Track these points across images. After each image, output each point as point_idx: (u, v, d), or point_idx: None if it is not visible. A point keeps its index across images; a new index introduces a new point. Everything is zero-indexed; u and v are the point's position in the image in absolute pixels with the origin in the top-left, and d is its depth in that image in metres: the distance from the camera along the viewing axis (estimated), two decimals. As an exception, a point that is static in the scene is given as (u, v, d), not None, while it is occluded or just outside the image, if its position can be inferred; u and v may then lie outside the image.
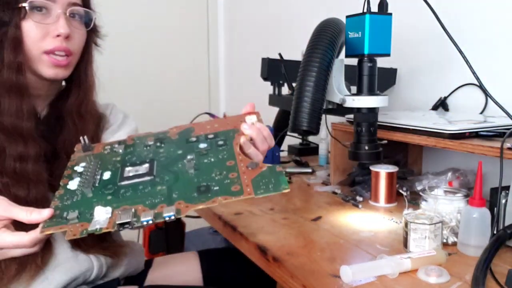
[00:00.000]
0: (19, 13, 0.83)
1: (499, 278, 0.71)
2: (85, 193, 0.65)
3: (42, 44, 0.85)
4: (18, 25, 0.83)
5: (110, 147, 0.77)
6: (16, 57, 0.83)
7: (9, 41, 0.83)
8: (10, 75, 0.83)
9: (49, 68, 0.87)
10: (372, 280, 0.71)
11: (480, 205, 0.81)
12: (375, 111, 1.00)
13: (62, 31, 0.85)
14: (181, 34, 2.73)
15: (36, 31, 0.84)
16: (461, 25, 1.20)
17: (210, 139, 0.75)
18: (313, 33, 1.02)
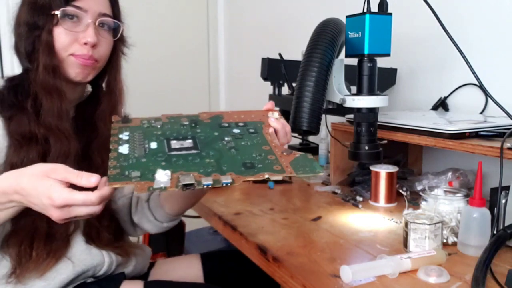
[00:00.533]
0: (52, 19, 0.88)
1: (499, 278, 0.71)
2: (139, 157, 0.68)
3: (69, 48, 0.90)
4: (50, 30, 0.88)
5: (147, 121, 0.81)
6: (52, 60, 0.88)
7: (42, 45, 0.88)
8: (47, 78, 0.88)
9: (75, 69, 0.91)
10: (372, 280, 0.71)
11: (480, 205, 0.81)
12: (375, 111, 1.00)
13: (89, 39, 0.89)
14: (181, 34, 2.73)
15: (66, 37, 0.89)
16: (461, 25, 1.20)
17: (241, 126, 0.81)
18: (313, 33, 1.02)
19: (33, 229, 0.86)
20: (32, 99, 0.88)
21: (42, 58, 0.88)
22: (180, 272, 1.14)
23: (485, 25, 1.21)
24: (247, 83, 2.52)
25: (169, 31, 2.69)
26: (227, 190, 1.24)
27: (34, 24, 0.89)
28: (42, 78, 0.88)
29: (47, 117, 0.87)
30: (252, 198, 1.18)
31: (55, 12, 0.88)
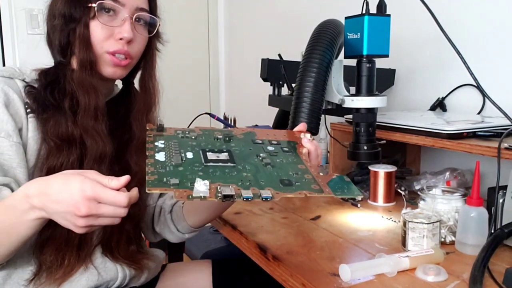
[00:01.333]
0: (89, 12, 0.85)
1: (497, 277, 0.72)
2: (176, 166, 0.68)
3: (104, 44, 0.87)
4: (87, 23, 0.85)
5: (181, 132, 0.81)
6: (89, 56, 0.85)
7: (79, 39, 0.85)
8: (84, 74, 0.85)
9: (109, 67, 0.88)
10: (371, 278, 0.72)
11: (478, 204, 0.82)
12: (373, 111, 1.01)
13: (126, 35, 0.86)
14: (181, 35, 2.74)
15: (101, 31, 0.86)
16: (458, 26, 1.21)
17: (275, 144, 0.80)
18: (313, 34, 1.03)
19: (68, 236, 0.83)
20: (70, 98, 0.85)
21: (79, 53, 0.85)
22: (189, 278, 1.10)
23: (483, 26, 1.21)
24: (247, 84, 2.53)
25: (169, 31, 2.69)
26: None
27: (70, 16, 0.85)
28: (79, 75, 0.85)
29: (84, 117, 0.84)
30: (252, 198, 1.18)
31: (92, 4, 0.85)
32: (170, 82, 3.21)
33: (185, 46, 2.75)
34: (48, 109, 0.84)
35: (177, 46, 2.72)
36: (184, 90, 2.77)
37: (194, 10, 2.76)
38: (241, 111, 2.22)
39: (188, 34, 2.76)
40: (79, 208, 0.63)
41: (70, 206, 0.63)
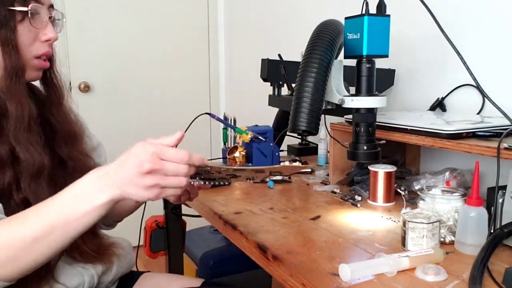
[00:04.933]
0: (15, 14, 0.79)
1: (496, 277, 0.72)
2: None
3: (32, 48, 0.83)
4: (14, 27, 0.80)
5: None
6: (17, 62, 0.80)
7: (4, 44, 0.79)
8: (14, 83, 0.80)
9: (34, 71, 0.86)
10: (371, 278, 0.72)
11: (477, 204, 0.82)
12: (373, 111, 1.01)
13: (52, 35, 0.84)
14: (181, 35, 2.74)
15: (29, 35, 0.82)
16: (458, 26, 1.21)
17: None
18: (312, 34, 1.03)
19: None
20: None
21: (4, 60, 0.79)
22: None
23: (482, 26, 1.21)
24: (247, 84, 2.53)
25: (169, 31, 2.69)
26: (227, 190, 1.25)
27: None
28: (8, 84, 0.79)
29: (18, 130, 0.78)
30: (252, 198, 1.18)
31: (22, 8, 0.79)
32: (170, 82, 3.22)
33: (185, 46, 2.75)
34: None
35: (177, 46, 2.73)
36: (184, 90, 2.77)
37: (194, 10, 2.76)
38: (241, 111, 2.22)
39: (188, 34, 2.76)
40: (143, 165, 0.66)
41: (135, 167, 0.66)
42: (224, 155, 1.53)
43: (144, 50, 2.62)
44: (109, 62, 2.59)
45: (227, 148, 1.51)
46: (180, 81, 2.75)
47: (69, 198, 0.69)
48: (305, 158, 1.59)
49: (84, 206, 0.68)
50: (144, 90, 2.67)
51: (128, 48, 2.59)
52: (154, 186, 0.67)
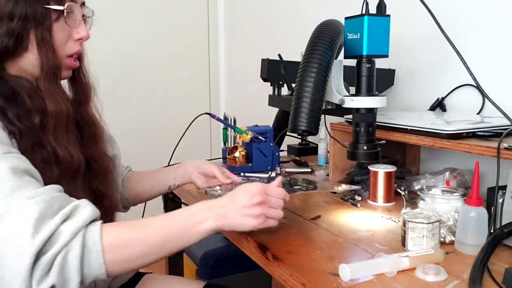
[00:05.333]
0: (50, 13, 0.80)
1: (496, 277, 0.72)
2: None
3: (65, 47, 0.84)
4: (49, 26, 0.80)
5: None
6: (54, 61, 0.81)
7: (41, 43, 0.80)
8: (51, 82, 0.81)
9: (66, 71, 0.86)
10: (371, 278, 0.72)
11: (477, 204, 0.82)
12: (373, 111, 1.01)
13: (85, 34, 0.84)
14: (181, 35, 2.74)
15: (63, 34, 0.82)
16: (458, 26, 1.21)
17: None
18: (312, 34, 1.03)
19: None
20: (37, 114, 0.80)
21: (41, 59, 0.80)
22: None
23: (482, 26, 1.21)
24: (247, 84, 2.53)
25: (169, 31, 2.69)
26: (227, 190, 1.25)
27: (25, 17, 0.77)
28: (46, 84, 0.80)
29: (58, 131, 0.81)
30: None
31: (58, 7, 0.80)
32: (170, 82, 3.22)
33: (185, 46, 2.75)
34: (19, 134, 0.78)
35: (177, 46, 2.73)
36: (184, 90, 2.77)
37: (194, 10, 2.76)
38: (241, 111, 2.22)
39: (188, 34, 2.76)
40: (254, 197, 0.78)
41: (247, 199, 0.78)
42: (224, 155, 1.53)
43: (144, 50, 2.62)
44: (110, 63, 2.58)
45: (227, 148, 1.51)
46: (180, 81, 2.75)
47: (184, 217, 0.78)
48: (305, 158, 1.59)
49: (194, 228, 0.77)
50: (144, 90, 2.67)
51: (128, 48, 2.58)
52: (260, 216, 0.79)
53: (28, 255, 0.64)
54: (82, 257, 0.67)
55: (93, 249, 0.68)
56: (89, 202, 0.74)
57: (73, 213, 0.70)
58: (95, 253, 0.68)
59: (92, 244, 0.69)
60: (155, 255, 0.75)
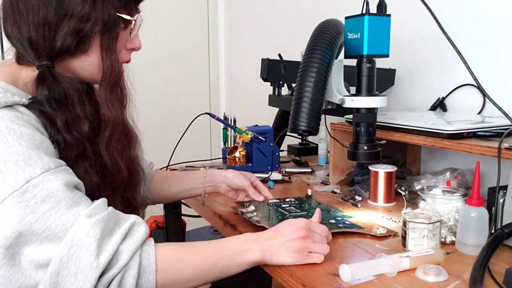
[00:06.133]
0: (119, 21, 0.80)
1: (497, 277, 0.71)
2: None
3: (121, 55, 0.84)
4: (117, 33, 0.80)
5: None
6: (118, 68, 0.82)
7: (107, 48, 0.79)
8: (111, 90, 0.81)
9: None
10: (371, 278, 0.72)
11: (478, 204, 0.82)
12: (374, 111, 1.01)
13: (139, 45, 0.85)
14: (181, 35, 2.74)
15: (122, 42, 0.83)
16: (459, 26, 1.21)
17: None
18: (313, 34, 1.03)
19: None
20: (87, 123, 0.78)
21: (105, 65, 0.79)
22: None
23: (483, 26, 1.21)
24: (247, 84, 2.53)
25: (169, 31, 2.69)
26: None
27: (98, 21, 0.76)
28: (108, 92, 0.81)
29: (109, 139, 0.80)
30: (252, 198, 1.18)
31: (127, 17, 0.80)
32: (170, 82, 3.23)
33: (185, 46, 2.75)
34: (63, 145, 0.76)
35: (177, 46, 2.73)
36: (184, 90, 2.77)
37: (194, 10, 2.76)
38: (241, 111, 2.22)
39: (188, 34, 2.76)
40: (299, 231, 0.78)
41: (292, 233, 0.78)
42: (224, 155, 1.53)
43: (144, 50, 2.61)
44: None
45: (227, 148, 1.51)
46: (180, 81, 2.75)
47: (231, 246, 0.79)
48: (305, 158, 1.59)
49: (240, 258, 0.78)
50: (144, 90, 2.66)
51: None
52: (303, 250, 0.78)
53: (92, 278, 0.65)
54: (138, 277, 0.69)
55: (147, 270, 0.70)
56: (141, 219, 0.75)
57: (131, 231, 0.71)
58: (149, 273, 0.70)
59: (147, 264, 0.70)
60: (201, 280, 0.77)
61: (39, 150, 0.69)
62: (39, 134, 0.71)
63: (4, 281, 0.64)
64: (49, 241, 0.65)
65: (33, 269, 0.65)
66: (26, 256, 0.65)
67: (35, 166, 0.67)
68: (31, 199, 0.65)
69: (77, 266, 0.65)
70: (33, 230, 0.64)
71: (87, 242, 0.65)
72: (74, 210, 0.68)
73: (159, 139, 2.42)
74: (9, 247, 0.64)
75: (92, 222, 0.67)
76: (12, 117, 0.69)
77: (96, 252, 0.65)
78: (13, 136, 0.67)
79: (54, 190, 0.67)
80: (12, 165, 0.66)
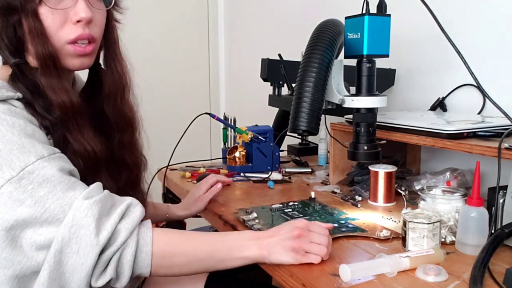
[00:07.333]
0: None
1: (497, 277, 0.71)
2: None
3: (62, 33, 0.76)
4: (35, 12, 0.73)
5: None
6: (49, 50, 0.75)
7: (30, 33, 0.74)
8: (52, 75, 0.76)
9: (74, 59, 0.79)
10: (371, 278, 0.72)
11: (478, 204, 0.82)
12: (374, 111, 1.01)
13: (84, 15, 0.75)
14: (181, 35, 2.74)
15: (54, 18, 0.74)
16: (459, 26, 1.21)
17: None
18: (313, 34, 1.03)
19: None
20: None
21: (36, 50, 0.75)
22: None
23: (483, 26, 1.21)
24: (247, 84, 2.53)
25: (169, 31, 2.69)
26: (227, 190, 1.25)
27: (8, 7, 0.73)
28: (45, 77, 0.75)
29: (65, 122, 0.77)
30: (252, 198, 1.18)
31: None
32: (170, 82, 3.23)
33: (185, 46, 2.75)
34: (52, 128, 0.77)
35: (177, 46, 2.73)
36: (184, 90, 2.77)
37: (194, 10, 2.76)
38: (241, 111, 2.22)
39: (188, 34, 2.76)
40: (294, 230, 0.78)
41: (288, 232, 0.78)
42: (224, 155, 1.53)
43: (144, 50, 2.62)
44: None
45: (227, 148, 1.51)
46: (180, 81, 2.75)
47: (230, 240, 0.80)
48: (305, 158, 1.59)
49: (237, 252, 0.78)
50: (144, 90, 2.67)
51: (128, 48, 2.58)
52: (299, 249, 0.77)
53: (93, 255, 0.68)
54: (135, 255, 0.72)
55: (143, 250, 0.73)
56: (137, 200, 0.77)
57: (127, 212, 0.74)
58: (145, 253, 0.73)
59: (143, 244, 0.73)
60: (196, 268, 0.79)
61: (32, 139, 0.71)
62: (30, 125, 0.73)
63: (7, 263, 0.67)
64: (49, 223, 0.68)
65: (34, 251, 0.68)
66: (27, 239, 0.67)
67: (29, 154, 0.69)
68: (28, 185, 0.67)
69: (78, 244, 0.68)
70: (32, 214, 0.67)
71: (86, 221, 0.68)
72: (71, 193, 0.70)
73: (159, 139, 2.42)
74: (9, 229, 0.66)
75: (90, 203, 0.69)
76: (5, 109, 0.71)
77: (96, 231, 0.68)
78: (5, 126, 0.69)
79: (49, 176, 0.69)
80: (7, 154, 0.68)
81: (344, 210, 1.06)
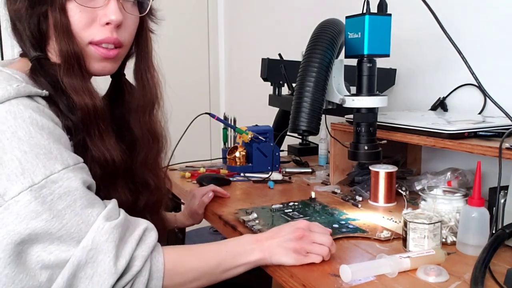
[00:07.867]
0: None
1: (498, 278, 0.71)
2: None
3: (87, 33, 0.72)
4: (62, 6, 0.69)
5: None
6: (73, 48, 0.70)
7: (55, 27, 0.69)
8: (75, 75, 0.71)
9: (96, 62, 0.75)
10: (372, 279, 0.72)
11: (479, 204, 0.82)
12: (374, 111, 1.01)
13: (113, 18, 0.71)
14: (181, 35, 2.73)
15: (81, 15, 0.70)
16: (460, 26, 1.20)
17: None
18: (313, 34, 1.02)
19: None
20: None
21: (60, 46, 0.70)
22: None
23: (484, 25, 1.21)
24: (247, 83, 2.53)
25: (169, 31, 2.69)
26: (227, 190, 1.24)
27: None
28: (68, 76, 0.71)
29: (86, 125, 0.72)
30: (252, 198, 1.18)
31: None
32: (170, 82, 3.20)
33: (185, 46, 2.74)
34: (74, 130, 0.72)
35: (177, 46, 2.72)
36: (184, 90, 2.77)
37: (194, 10, 2.76)
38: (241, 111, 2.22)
39: (188, 34, 2.75)
40: (296, 231, 0.78)
41: (289, 233, 0.78)
42: (224, 155, 1.53)
43: (144, 50, 2.62)
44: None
45: (227, 148, 1.50)
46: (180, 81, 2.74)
47: (232, 247, 0.79)
48: (306, 158, 1.59)
49: (241, 258, 0.78)
50: (144, 90, 2.67)
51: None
52: (300, 250, 0.77)
53: (109, 284, 0.64)
54: (147, 283, 0.69)
55: (155, 276, 0.70)
56: (152, 224, 0.75)
57: (143, 237, 0.71)
58: (156, 279, 0.70)
59: (155, 270, 0.71)
60: (204, 282, 0.77)
61: (60, 145, 0.66)
62: (58, 128, 0.68)
63: (7, 280, 0.61)
64: (61, 241, 0.62)
65: (38, 270, 0.62)
66: (33, 256, 0.62)
67: (55, 161, 0.63)
68: (48, 195, 0.62)
69: (94, 269, 0.63)
70: (47, 229, 0.61)
71: (107, 247, 0.64)
72: (88, 211, 0.65)
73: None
74: (19, 243, 0.61)
75: (112, 227, 0.66)
76: (34, 107, 0.65)
77: (115, 258, 0.64)
78: (35, 127, 0.64)
79: (72, 188, 0.64)
80: (33, 157, 0.62)
81: (345, 211, 1.05)
